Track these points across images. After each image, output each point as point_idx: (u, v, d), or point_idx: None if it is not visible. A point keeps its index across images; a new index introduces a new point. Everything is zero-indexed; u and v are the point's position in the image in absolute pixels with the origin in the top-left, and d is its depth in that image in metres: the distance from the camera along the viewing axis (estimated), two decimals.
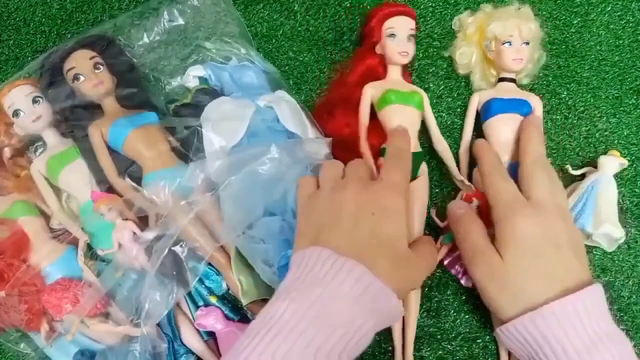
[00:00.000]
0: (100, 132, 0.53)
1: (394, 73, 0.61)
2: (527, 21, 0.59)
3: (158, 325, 0.52)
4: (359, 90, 0.60)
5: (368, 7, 0.64)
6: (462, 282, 0.55)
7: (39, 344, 0.52)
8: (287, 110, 0.55)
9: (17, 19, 0.65)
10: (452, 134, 0.62)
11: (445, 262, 0.56)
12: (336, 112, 0.60)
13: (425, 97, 0.60)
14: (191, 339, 0.53)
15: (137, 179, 0.54)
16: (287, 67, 0.63)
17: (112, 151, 0.54)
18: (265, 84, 0.59)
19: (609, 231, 0.56)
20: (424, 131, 0.61)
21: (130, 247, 0.50)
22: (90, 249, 0.54)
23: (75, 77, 0.53)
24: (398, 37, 0.59)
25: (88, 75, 0.53)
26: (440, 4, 0.65)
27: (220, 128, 0.53)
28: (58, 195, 0.55)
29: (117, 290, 0.51)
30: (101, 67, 0.54)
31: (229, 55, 0.60)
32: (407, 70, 0.63)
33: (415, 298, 0.56)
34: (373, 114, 0.60)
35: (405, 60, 0.60)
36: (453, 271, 0.55)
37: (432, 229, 0.58)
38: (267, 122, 0.54)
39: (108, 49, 0.56)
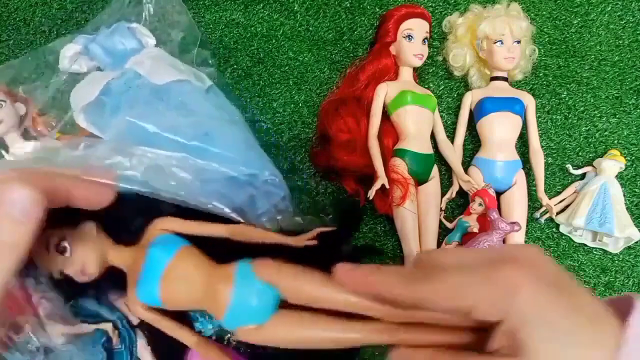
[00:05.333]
0: None
1: (406, 74, 0.61)
2: (517, 20, 0.59)
3: None
4: (369, 90, 0.59)
5: (368, 7, 0.64)
6: None
7: None
8: (154, 65, 0.54)
9: (17, 19, 0.64)
10: (452, 134, 0.62)
11: None
12: (345, 111, 0.58)
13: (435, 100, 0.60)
14: None
15: None
16: (287, 67, 0.63)
17: None
18: (136, 45, 0.57)
19: (632, 234, 0.57)
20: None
21: None
22: None
23: None
24: (415, 39, 0.59)
25: None
26: (440, 4, 0.65)
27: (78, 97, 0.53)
28: None
29: None
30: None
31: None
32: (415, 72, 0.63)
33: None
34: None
35: (419, 63, 0.60)
36: None
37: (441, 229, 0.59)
38: (134, 82, 0.54)
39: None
